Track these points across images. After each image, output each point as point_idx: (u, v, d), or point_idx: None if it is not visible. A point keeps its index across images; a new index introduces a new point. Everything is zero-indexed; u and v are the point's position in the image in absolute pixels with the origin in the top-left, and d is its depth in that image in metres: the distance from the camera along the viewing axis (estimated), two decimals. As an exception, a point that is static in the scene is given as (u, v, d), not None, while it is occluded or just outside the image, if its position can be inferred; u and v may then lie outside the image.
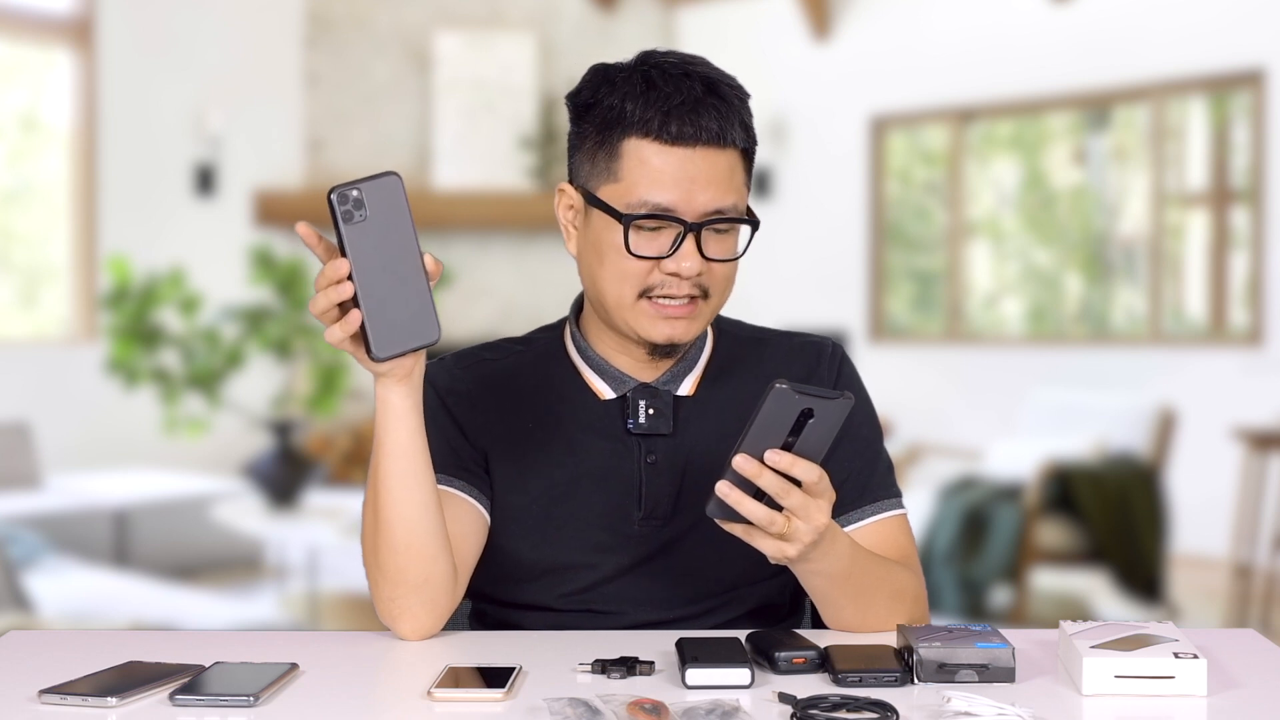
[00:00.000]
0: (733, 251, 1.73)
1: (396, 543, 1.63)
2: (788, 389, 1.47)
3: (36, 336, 8.77)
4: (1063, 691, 1.48)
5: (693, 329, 1.73)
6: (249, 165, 9.10)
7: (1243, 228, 7.74)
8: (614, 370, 1.79)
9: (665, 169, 1.68)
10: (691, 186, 1.68)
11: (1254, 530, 6.56)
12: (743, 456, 1.50)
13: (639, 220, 1.68)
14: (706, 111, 1.68)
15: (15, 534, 6.13)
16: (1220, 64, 7.67)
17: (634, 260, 1.69)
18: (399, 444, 1.61)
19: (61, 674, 1.48)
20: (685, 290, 1.70)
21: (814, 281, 9.14)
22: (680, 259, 1.68)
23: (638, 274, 1.70)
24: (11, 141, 8.76)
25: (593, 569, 1.77)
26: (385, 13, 9.44)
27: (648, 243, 1.70)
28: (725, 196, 1.70)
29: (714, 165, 1.69)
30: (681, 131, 1.67)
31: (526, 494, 1.78)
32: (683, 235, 1.68)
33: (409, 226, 1.51)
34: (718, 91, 1.70)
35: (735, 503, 1.51)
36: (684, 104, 1.68)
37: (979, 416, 8.23)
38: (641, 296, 1.71)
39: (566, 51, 9.39)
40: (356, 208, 1.49)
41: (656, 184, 1.68)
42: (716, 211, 1.69)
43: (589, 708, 1.36)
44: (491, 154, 9.10)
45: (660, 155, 1.68)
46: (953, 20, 8.73)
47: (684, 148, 1.68)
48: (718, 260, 1.71)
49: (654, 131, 1.68)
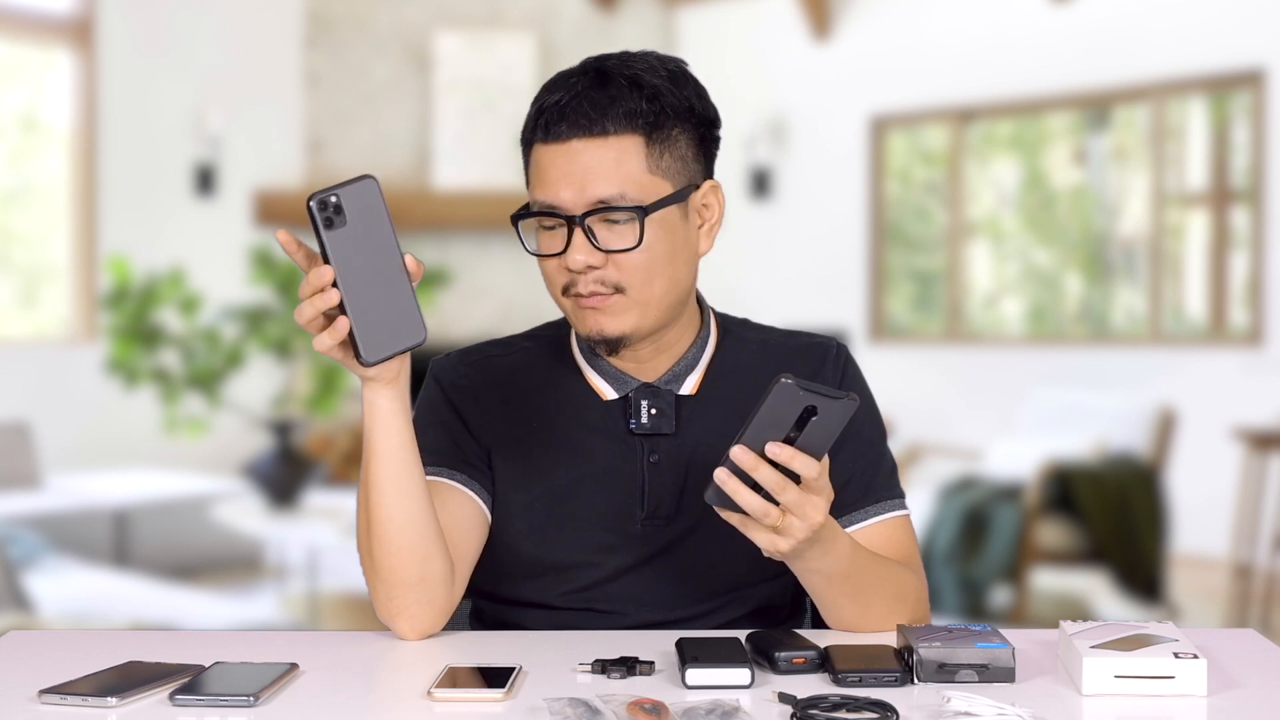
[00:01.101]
0: (632, 241, 1.69)
1: (390, 544, 1.63)
2: (792, 384, 1.47)
3: (36, 336, 8.77)
4: (1063, 691, 1.48)
5: (618, 323, 1.72)
6: (249, 165, 9.10)
7: (1243, 228, 7.74)
8: (616, 370, 1.79)
9: (549, 168, 1.70)
10: (569, 180, 1.68)
11: (1254, 530, 6.56)
12: (741, 448, 1.49)
13: (530, 219, 1.72)
14: (579, 105, 1.68)
15: (15, 534, 6.13)
16: (1220, 64, 7.67)
17: (544, 260, 1.72)
18: (388, 447, 1.61)
19: (61, 674, 1.48)
20: (590, 286, 1.70)
21: (814, 281, 9.14)
22: (571, 252, 1.69)
23: (553, 273, 1.72)
24: (11, 141, 8.76)
25: (595, 568, 1.77)
26: (385, 13, 9.44)
27: (548, 241, 1.72)
28: (607, 186, 1.68)
29: (592, 156, 1.68)
30: (555, 130, 1.69)
31: (529, 492, 1.78)
32: (569, 230, 1.69)
33: (388, 229, 1.51)
34: (604, 82, 1.70)
35: (732, 492, 1.51)
36: (559, 101, 1.69)
37: (979, 416, 8.23)
38: (566, 294, 1.72)
39: (566, 51, 9.39)
40: (336, 214, 1.49)
41: (541, 183, 1.71)
42: (599, 201, 1.68)
43: (589, 708, 1.36)
44: (491, 154, 9.10)
45: (545, 154, 1.71)
46: (953, 20, 8.73)
47: (559, 143, 1.69)
48: (616, 251, 1.69)
49: (539, 134, 1.71)
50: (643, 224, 1.68)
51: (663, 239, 1.70)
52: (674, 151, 1.71)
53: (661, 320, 1.74)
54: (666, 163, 1.70)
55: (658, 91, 1.70)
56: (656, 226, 1.69)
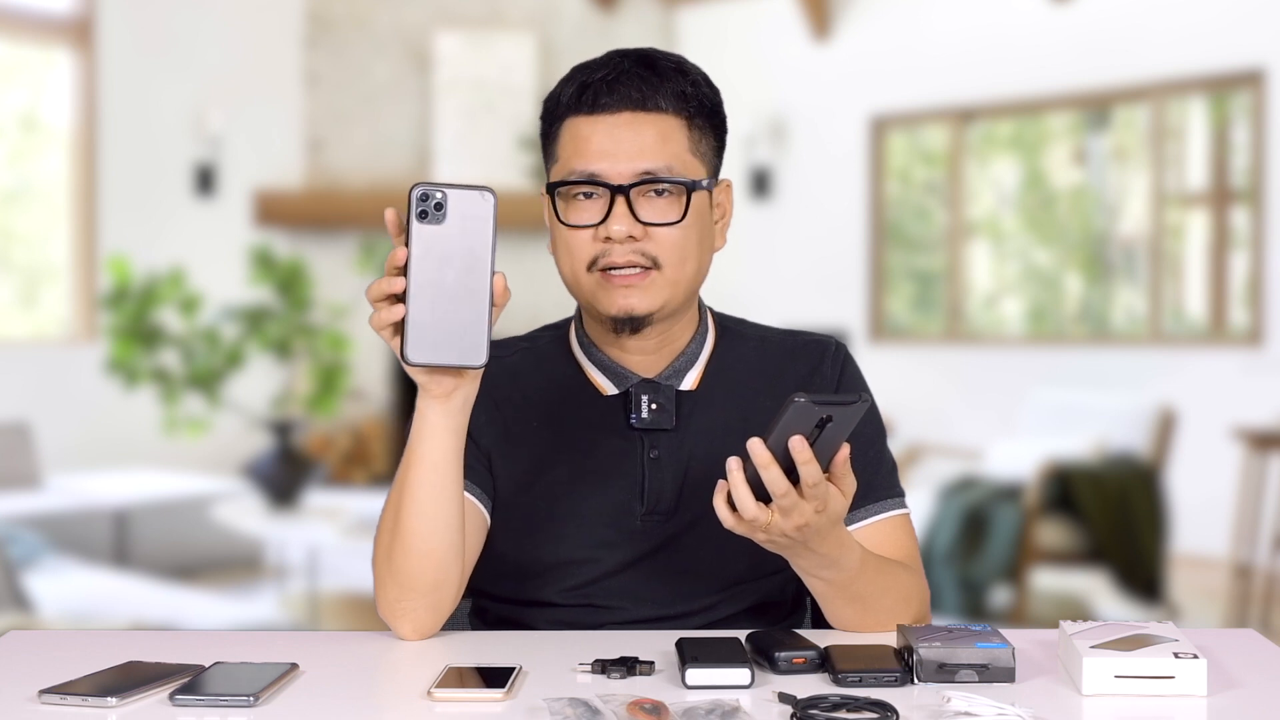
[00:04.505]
0: (673, 216, 1.71)
1: (413, 550, 1.63)
2: (806, 402, 1.47)
3: (36, 336, 8.77)
4: (1063, 691, 1.48)
5: (648, 299, 1.72)
6: (249, 165, 9.10)
7: (1243, 228, 7.74)
8: (616, 366, 1.80)
9: (590, 137, 1.70)
10: (616, 150, 1.69)
11: (1254, 530, 6.56)
12: (758, 441, 1.50)
13: (566, 187, 1.71)
14: (629, 80, 1.70)
15: (15, 534, 6.13)
16: (1220, 64, 7.67)
17: (573, 231, 1.71)
18: (429, 459, 1.61)
19: (61, 674, 1.48)
20: (627, 257, 1.70)
21: (814, 281, 9.15)
22: (611, 222, 1.69)
23: (581, 244, 1.71)
24: (11, 141, 8.76)
25: (595, 564, 1.77)
26: (385, 13, 9.44)
27: (582, 212, 1.71)
28: (655, 159, 1.70)
29: (638, 130, 1.70)
30: (600, 100, 1.70)
31: (530, 491, 1.78)
32: (611, 199, 1.69)
33: (488, 245, 1.49)
34: (649, 63, 1.72)
35: (733, 483, 1.52)
36: (606, 76, 1.71)
37: (979, 416, 8.23)
38: (592, 269, 1.72)
39: (566, 51, 9.39)
40: (435, 209, 1.48)
41: (581, 153, 1.70)
42: (645, 173, 1.69)
43: (589, 708, 1.36)
44: (491, 154, 9.10)
45: (585, 125, 1.71)
46: (953, 20, 8.73)
47: (606, 115, 1.70)
48: (656, 225, 1.70)
49: (578, 106, 1.71)
50: (689, 199, 1.70)
51: (697, 221, 1.73)
52: (706, 141, 1.75)
53: (682, 305, 1.76)
54: (701, 149, 1.74)
55: (699, 82, 1.74)
56: (695, 207, 1.72)
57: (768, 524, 1.54)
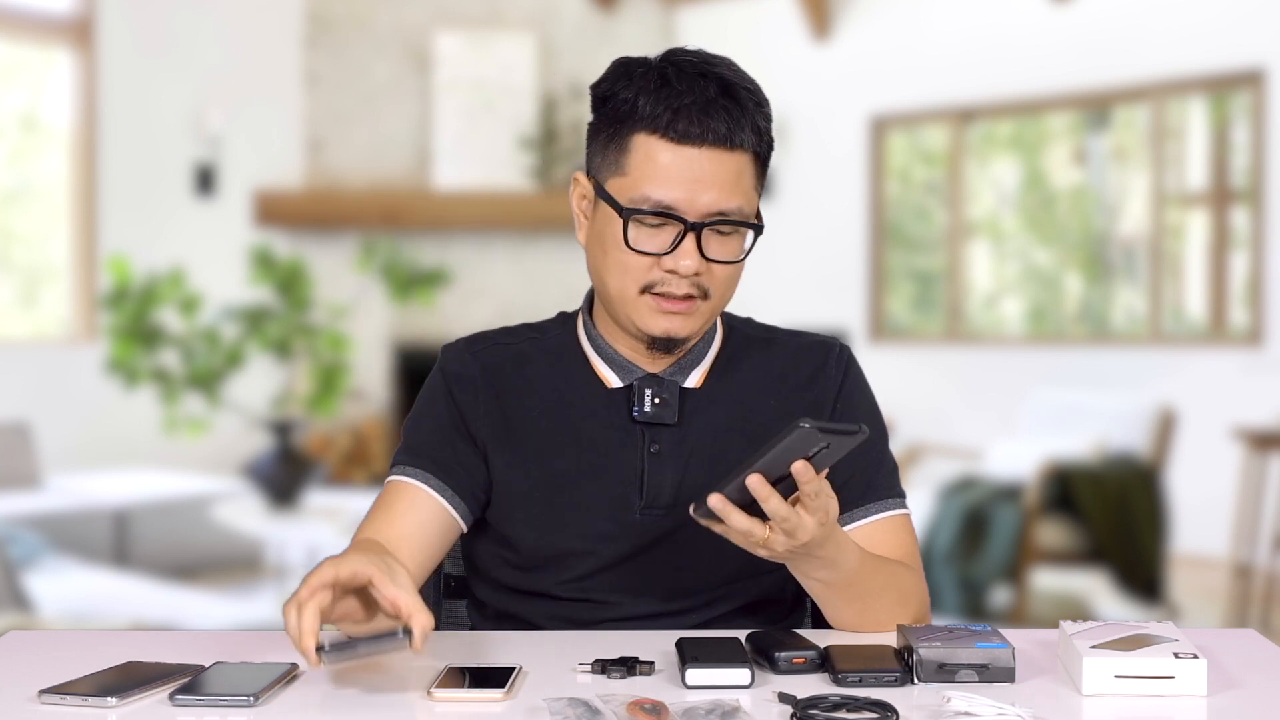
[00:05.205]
0: (735, 254, 1.72)
1: None
2: (811, 428, 1.47)
3: (36, 336, 8.77)
4: (1063, 691, 1.48)
5: (690, 325, 1.73)
6: (249, 165, 9.10)
7: (1243, 228, 7.74)
8: (623, 360, 1.80)
9: (670, 167, 1.68)
10: (695, 186, 1.68)
11: (1254, 530, 6.56)
12: (758, 478, 1.50)
13: (639, 215, 1.69)
14: (716, 113, 1.68)
15: (15, 534, 6.13)
16: (1220, 64, 7.67)
17: (634, 255, 1.70)
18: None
19: (61, 674, 1.48)
20: (684, 289, 1.70)
21: (814, 281, 9.14)
22: (679, 257, 1.68)
23: (638, 269, 1.70)
24: (11, 141, 8.76)
25: (593, 556, 1.77)
26: (385, 13, 9.44)
27: (649, 238, 1.70)
28: (730, 199, 1.70)
29: (720, 167, 1.69)
30: (689, 131, 1.67)
31: (529, 480, 1.78)
32: (683, 234, 1.68)
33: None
34: (732, 93, 1.70)
35: (725, 515, 1.52)
36: (694, 103, 1.67)
37: (979, 416, 8.23)
38: (643, 292, 1.71)
39: (566, 51, 9.39)
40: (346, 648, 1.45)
41: (660, 181, 1.68)
42: (719, 213, 1.69)
43: (589, 708, 1.36)
44: (491, 154, 9.10)
45: (666, 153, 1.68)
46: (953, 20, 8.73)
47: (690, 147, 1.67)
48: (718, 262, 1.71)
49: (662, 129, 1.67)
50: (753, 240, 1.74)
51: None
52: (763, 174, 1.77)
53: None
54: (761, 182, 1.76)
55: (769, 115, 1.75)
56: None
57: (765, 539, 1.54)
